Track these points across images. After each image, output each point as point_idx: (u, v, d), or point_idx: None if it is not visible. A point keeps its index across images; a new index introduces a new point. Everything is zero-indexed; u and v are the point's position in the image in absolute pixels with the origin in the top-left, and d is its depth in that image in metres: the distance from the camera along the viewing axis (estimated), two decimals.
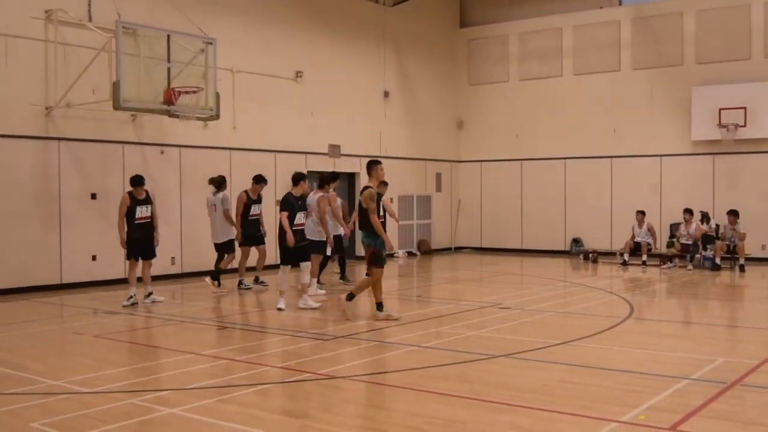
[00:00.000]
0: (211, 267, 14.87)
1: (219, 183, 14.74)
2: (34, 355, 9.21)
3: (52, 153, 14.97)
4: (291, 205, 12.24)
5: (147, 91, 14.50)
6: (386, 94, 22.85)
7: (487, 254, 23.99)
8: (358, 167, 21.55)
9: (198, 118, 15.86)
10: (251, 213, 14.69)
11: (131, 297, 12.77)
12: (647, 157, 22.05)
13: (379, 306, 11.17)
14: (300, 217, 12.40)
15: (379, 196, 11.31)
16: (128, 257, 13.05)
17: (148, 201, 12.88)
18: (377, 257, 11.09)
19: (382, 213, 11.36)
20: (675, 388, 6.99)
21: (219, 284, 14.57)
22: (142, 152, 16.37)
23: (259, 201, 14.89)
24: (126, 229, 12.76)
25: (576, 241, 23.12)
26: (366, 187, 11.19)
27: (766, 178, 20.37)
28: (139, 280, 13.01)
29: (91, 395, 6.98)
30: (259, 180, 14.90)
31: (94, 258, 15.39)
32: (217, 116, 15.76)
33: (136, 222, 12.78)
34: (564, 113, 23.37)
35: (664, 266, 19.26)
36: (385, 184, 13.82)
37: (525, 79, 24.26)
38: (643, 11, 22.31)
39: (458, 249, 25.30)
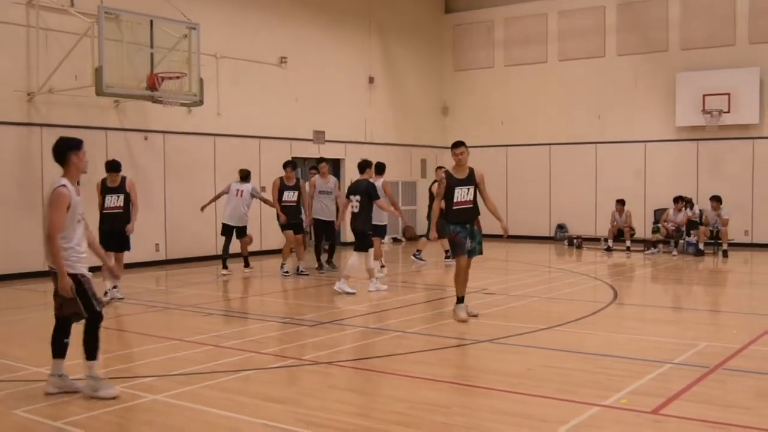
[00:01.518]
0: (196, 253, 14.84)
1: (246, 175, 15.15)
2: (17, 341, 9.18)
3: (35, 139, 14.84)
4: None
5: (130, 77, 14.41)
6: (371, 80, 22.79)
7: None
8: (343, 153, 21.53)
9: (182, 104, 15.83)
10: (284, 199, 14.72)
11: (107, 291, 11.77)
12: (632, 143, 22.11)
13: (459, 300, 9.94)
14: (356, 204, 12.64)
15: (453, 179, 9.87)
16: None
17: (121, 190, 11.83)
18: (454, 244, 9.90)
19: (466, 198, 9.79)
20: (657, 373, 7.03)
21: (226, 267, 15.00)
22: (125, 138, 16.27)
23: (294, 188, 14.85)
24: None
25: (560, 227, 23.19)
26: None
27: (749, 164, 20.48)
28: None
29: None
30: (287, 165, 14.96)
31: None
32: (200, 102, 15.71)
33: (105, 212, 11.84)
34: (549, 99, 23.38)
35: (648, 252, 19.35)
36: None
37: (510, 65, 24.26)
38: None
39: None
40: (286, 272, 14.71)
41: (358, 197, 12.53)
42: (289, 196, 14.76)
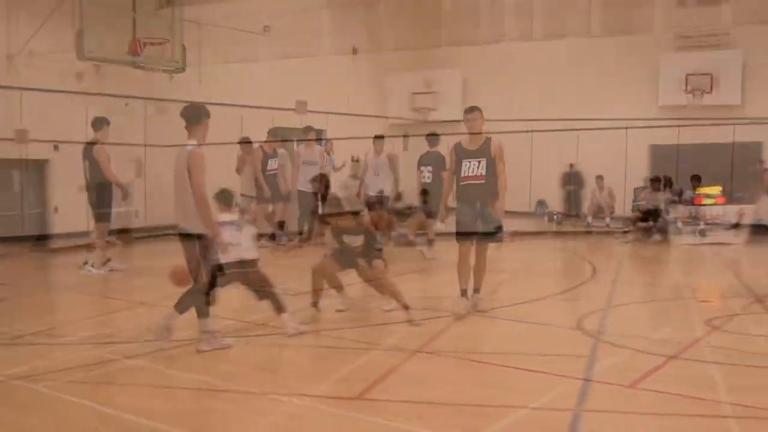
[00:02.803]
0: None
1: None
2: None
3: (14, 103, 14.65)
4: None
5: (111, 42, 14.27)
6: (355, 51, 22.65)
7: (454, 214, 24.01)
8: (325, 124, 21.41)
9: (164, 71, 15.65)
10: (269, 168, 14.61)
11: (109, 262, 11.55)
12: (614, 120, 22.11)
13: (462, 293, 8.72)
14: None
15: (462, 150, 8.81)
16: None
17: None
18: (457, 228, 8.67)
19: (475, 172, 8.81)
20: (636, 348, 7.09)
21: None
22: (106, 104, 16.08)
23: (274, 155, 14.75)
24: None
25: (540, 203, 23.26)
26: None
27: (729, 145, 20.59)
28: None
29: (53, 346, 6.94)
30: (269, 133, 14.82)
31: (55, 210, 15.17)
32: (182, 69, 15.56)
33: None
34: (531, 76, 23.33)
35: (627, 229, 19.44)
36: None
37: (493, 41, 24.16)
38: None
39: None
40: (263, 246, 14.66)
41: (429, 168, 12.62)
42: (272, 164, 14.71)
